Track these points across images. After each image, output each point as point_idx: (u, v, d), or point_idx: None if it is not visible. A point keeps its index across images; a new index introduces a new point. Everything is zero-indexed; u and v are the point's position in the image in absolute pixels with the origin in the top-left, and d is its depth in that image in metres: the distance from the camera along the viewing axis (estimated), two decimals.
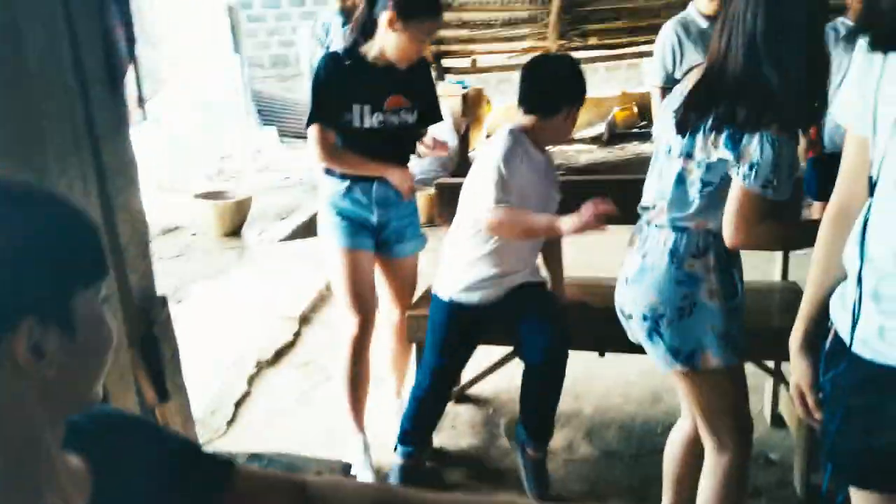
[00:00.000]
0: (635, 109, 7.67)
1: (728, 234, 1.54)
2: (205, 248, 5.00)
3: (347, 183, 2.38)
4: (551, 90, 2.14)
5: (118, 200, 1.93)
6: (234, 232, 5.22)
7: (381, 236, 2.46)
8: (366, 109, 2.29)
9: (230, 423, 2.88)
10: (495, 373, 2.81)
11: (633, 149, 7.20)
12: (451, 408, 2.87)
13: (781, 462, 2.37)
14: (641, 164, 5.94)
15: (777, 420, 2.56)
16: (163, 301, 2.12)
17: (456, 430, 2.75)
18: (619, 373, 2.98)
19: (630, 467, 2.49)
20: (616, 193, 2.04)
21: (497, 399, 2.92)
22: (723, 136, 1.50)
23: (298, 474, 0.99)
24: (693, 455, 1.88)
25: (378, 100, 2.31)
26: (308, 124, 2.34)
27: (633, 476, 2.44)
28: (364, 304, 2.41)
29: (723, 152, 1.51)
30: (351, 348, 2.42)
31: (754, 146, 1.47)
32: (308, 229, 5.50)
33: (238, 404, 3.00)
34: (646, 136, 7.28)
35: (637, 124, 7.65)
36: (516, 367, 2.46)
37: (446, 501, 0.93)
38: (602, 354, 2.45)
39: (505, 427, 2.51)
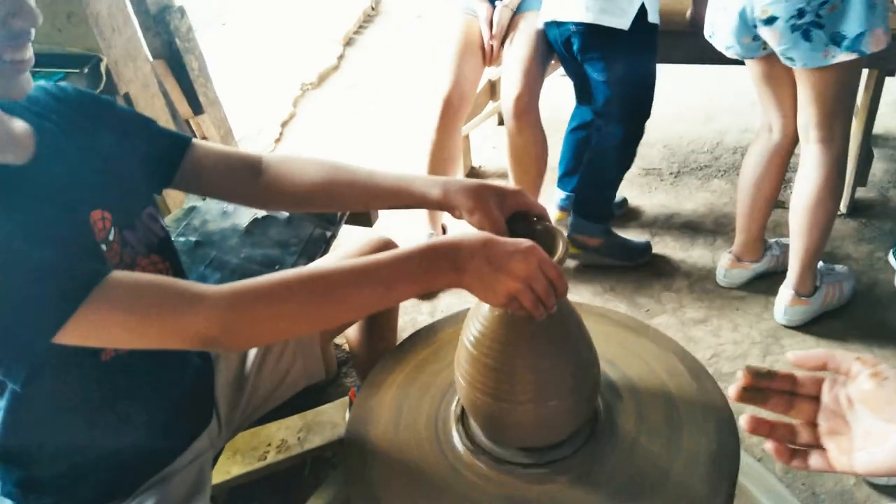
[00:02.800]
0: None
1: None
2: None
3: None
4: None
5: None
6: None
7: None
8: None
9: (277, 141, 2.96)
10: None
11: None
12: (495, 128, 2.85)
13: None
14: None
15: None
16: (181, 11, 2.06)
17: (496, 150, 2.75)
18: (673, 92, 2.81)
19: (669, 184, 2.46)
20: None
21: None
22: None
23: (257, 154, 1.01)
24: (781, 169, 1.83)
25: None
26: None
27: (670, 192, 2.42)
28: (457, 70, 2.09)
29: None
30: (437, 120, 2.11)
31: None
32: None
33: (284, 124, 3.06)
34: None
35: None
36: None
37: (393, 178, 0.93)
38: None
39: None
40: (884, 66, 1.90)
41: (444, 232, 2.30)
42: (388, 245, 1.22)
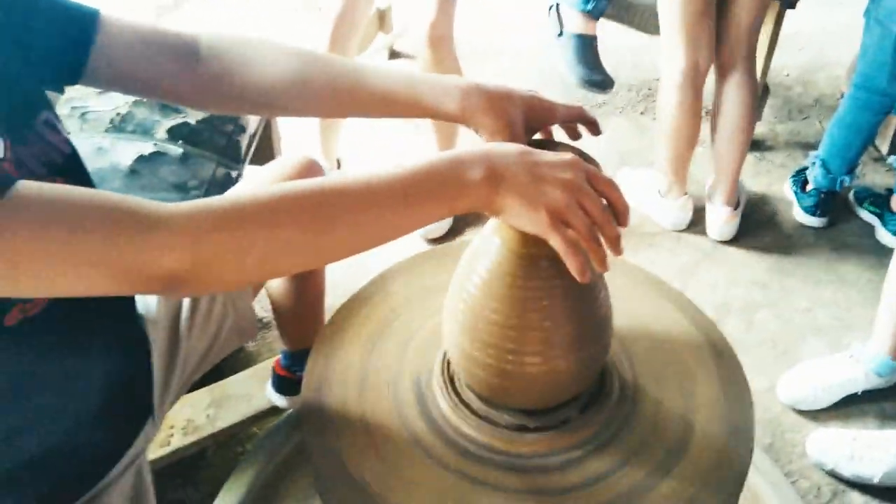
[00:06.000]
0: None
1: None
2: None
3: None
4: None
5: None
6: None
7: None
8: None
9: None
10: None
11: None
12: (386, 63, 2.65)
13: None
14: None
15: None
16: None
17: None
18: None
19: None
20: None
21: None
22: None
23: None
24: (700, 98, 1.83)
25: None
26: None
27: None
28: None
29: None
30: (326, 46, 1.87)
31: None
32: None
33: None
34: None
35: None
36: None
37: (390, 79, 0.71)
38: None
39: None
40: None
41: (339, 166, 2.07)
42: (313, 166, 0.99)
